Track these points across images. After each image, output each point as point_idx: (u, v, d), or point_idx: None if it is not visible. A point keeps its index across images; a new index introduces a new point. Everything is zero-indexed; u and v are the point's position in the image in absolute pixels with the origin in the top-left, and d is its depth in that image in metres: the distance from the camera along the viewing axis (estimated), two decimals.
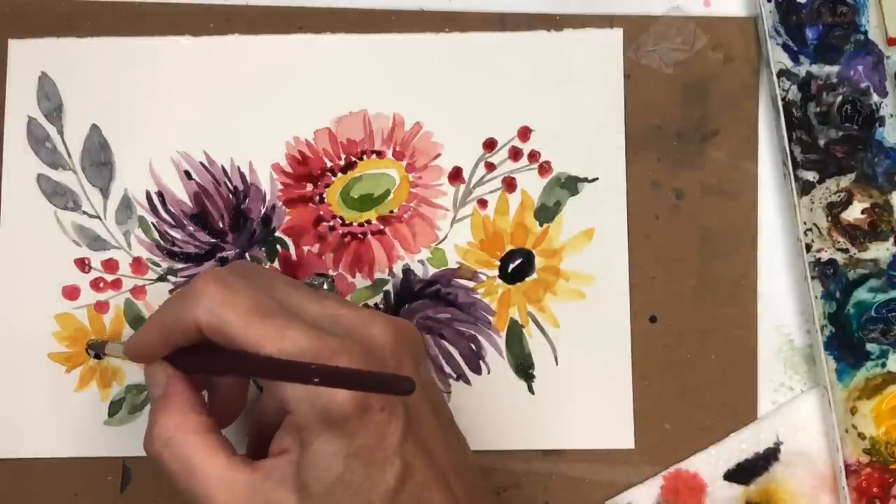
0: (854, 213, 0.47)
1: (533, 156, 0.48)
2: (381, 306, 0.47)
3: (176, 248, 0.48)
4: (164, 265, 0.48)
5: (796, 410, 0.47)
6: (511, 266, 0.47)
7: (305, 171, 0.48)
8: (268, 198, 0.48)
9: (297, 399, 0.35)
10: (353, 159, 0.48)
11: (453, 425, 0.40)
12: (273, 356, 0.35)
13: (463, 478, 0.38)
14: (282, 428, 0.36)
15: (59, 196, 0.48)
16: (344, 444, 0.35)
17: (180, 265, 0.48)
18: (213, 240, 0.48)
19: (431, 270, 0.47)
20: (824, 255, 0.47)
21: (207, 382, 0.41)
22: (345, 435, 0.35)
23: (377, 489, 0.35)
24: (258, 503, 0.36)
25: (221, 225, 0.48)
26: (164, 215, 0.48)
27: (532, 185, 0.48)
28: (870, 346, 0.46)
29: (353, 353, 0.35)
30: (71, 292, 0.47)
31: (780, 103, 0.46)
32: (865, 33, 0.48)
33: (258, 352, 0.35)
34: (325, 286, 0.42)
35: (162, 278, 0.47)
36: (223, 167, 0.48)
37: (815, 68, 0.47)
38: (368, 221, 0.48)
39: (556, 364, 0.47)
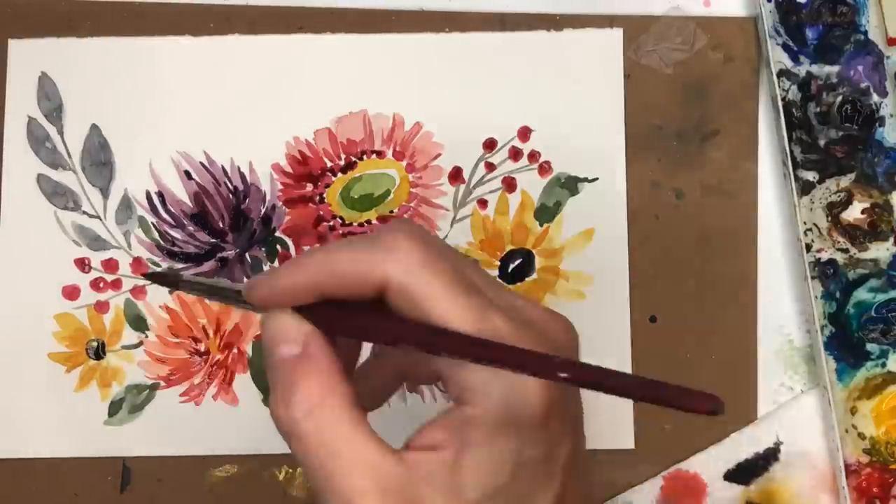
0: (854, 213, 0.47)
1: (533, 156, 0.48)
2: None
3: (176, 248, 0.48)
4: (164, 265, 0.48)
5: (796, 410, 0.47)
6: (511, 266, 0.47)
7: (305, 171, 0.48)
8: (268, 198, 0.48)
9: (488, 393, 0.31)
10: (353, 159, 0.48)
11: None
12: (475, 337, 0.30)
13: None
14: (439, 420, 0.31)
15: (59, 196, 0.48)
16: (517, 451, 0.31)
17: (180, 265, 0.48)
18: (213, 240, 0.48)
19: None
20: (824, 255, 0.47)
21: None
22: (522, 441, 0.31)
23: None
24: (400, 498, 0.31)
25: (221, 225, 0.48)
26: (164, 215, 0.48)
27: (532, 185, 0.48)
28: (870, 346, 0.46)
29: (546, 351, 0.31)
30: (71, 292, 0.47)
31: (780, 103, 0.46)
32: (865, 33, 0.48)
33: (455, 329, 0.30)
34: None
35: None
36: (223, 167, 0.48)
37: (815, 68, 0.47)
38: (368, 221, 0.48)
39: None
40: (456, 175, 0.48)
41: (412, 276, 0.31)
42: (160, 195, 0.48)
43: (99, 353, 0.47)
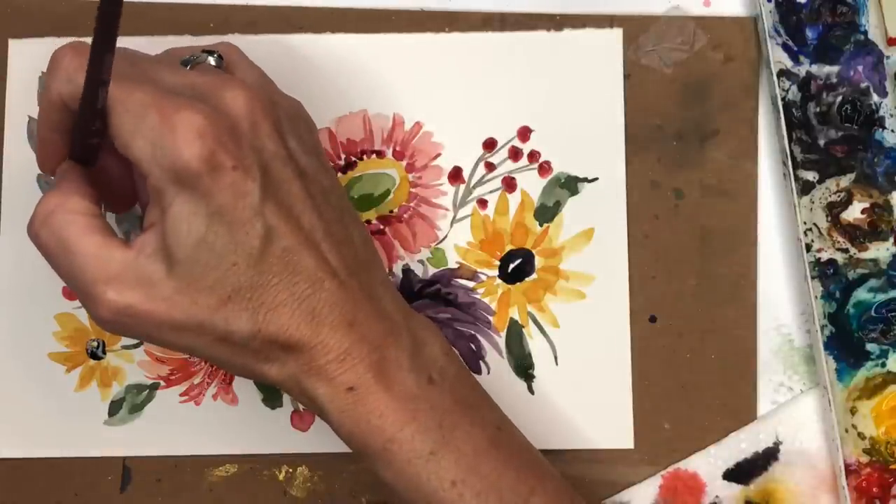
0: (854, 213, 0.47)
1: (533, 156, 0.48)
2: None
3: None
4: None
5: (796, 410, 0.47)
6: (511, 266, 0.47)
7: None
8: None
9: (145, 158, 0.35)
10: (353, 159, 0.48)
11: (334, 200, 0.39)
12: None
13: (340, 249, 0.38)
14: (149, 203, 0.37)
15: None
16: (201, 204, 0.35)
17: None
18: None
19: (431, 270, 0.47)
20: (824, 255, 0.47)
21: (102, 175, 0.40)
22: (200, 195, 0.35)
23: (241, 251, 0.36)
24: (131, 279, 0.36)
25: None
26: None
27: (532, 185, 0.48)
28: (870, 346, 0.46)
29: (199, 109, 0.35)
30: (71, 292, 0.47)
31: (780, 103, 0.46)
32: (865, 33, 0.48)
33: (106, 113, 0.36)
34: (212, 61, 0.41)
35: None
36: None
37: (815, 68, 0.47)
38: (368, 221, 0.47)
39: (556, 364, 0.47)
40: (456, 175, 0.48)
41: (72, 83, 0.36)
42: None
43: (99, 353, 0.47)
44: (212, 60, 0.40)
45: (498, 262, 0.47)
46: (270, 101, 0.38)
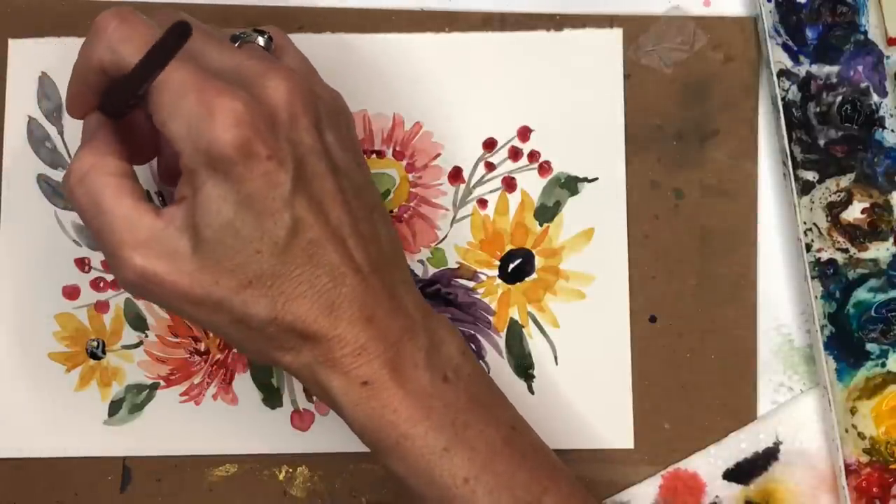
0: (854, 213, 0.47)
1: (533, 156, 0.48)
2: None
3: None
4: None
5: (796, 410, 0.47)
6: (511, 266, 0.47)
7: None
8: None
9: (182, 137, 0.35)
10: None
11: (365, 196, 0.39)
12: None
13: (366, 246, 0.38)
14: (181, 177, 0.37)
15: (59, 196, 0.48)
16: (231, 189, 0.35)
17: None
18: None
19: (431, 270, 0.47)
20: (824, 255, 0.47)
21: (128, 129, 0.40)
22: (232, 180, 0.35)
23: (266, 240, 0.36)
24: (158, 249, 0.36)
25: None
26: None
27: (532, 184, 0.48)
28: (870, 346, 0.46)
29: (239, 96, 0.35)
30: (71, 292, 0.47)
31: (780, 103, 0.46)
32: (865, 33, 0.48)
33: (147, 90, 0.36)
34: (261, 42, 0.40)
35: None
36: None
37: (815, 68, 0.47)
38: None
39: (556, 364, 0.47)
40: (456, 175, 0.48)
41: (114, 53, 0.36)
42: (160, 195, 0.48)
43: (99, 352, 0.47)
44: (261, 41, 0.40)
45: (498, 262, 0.47)
46: (312, 94, 0.38)
